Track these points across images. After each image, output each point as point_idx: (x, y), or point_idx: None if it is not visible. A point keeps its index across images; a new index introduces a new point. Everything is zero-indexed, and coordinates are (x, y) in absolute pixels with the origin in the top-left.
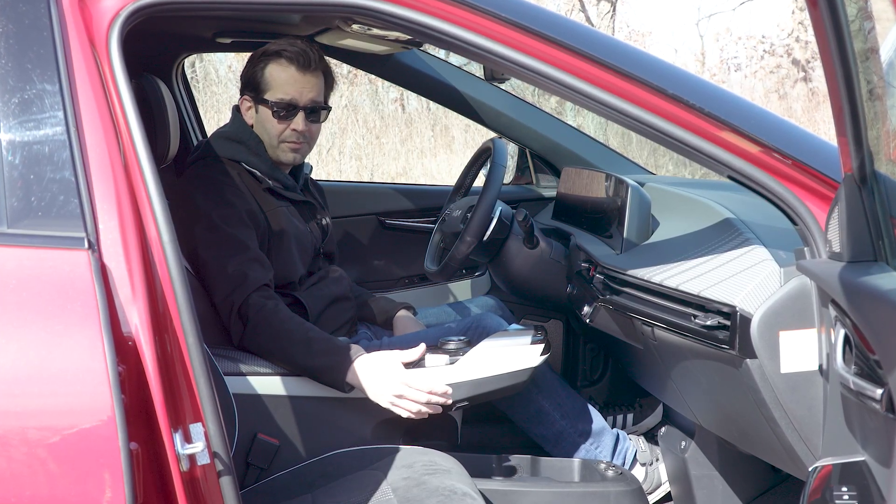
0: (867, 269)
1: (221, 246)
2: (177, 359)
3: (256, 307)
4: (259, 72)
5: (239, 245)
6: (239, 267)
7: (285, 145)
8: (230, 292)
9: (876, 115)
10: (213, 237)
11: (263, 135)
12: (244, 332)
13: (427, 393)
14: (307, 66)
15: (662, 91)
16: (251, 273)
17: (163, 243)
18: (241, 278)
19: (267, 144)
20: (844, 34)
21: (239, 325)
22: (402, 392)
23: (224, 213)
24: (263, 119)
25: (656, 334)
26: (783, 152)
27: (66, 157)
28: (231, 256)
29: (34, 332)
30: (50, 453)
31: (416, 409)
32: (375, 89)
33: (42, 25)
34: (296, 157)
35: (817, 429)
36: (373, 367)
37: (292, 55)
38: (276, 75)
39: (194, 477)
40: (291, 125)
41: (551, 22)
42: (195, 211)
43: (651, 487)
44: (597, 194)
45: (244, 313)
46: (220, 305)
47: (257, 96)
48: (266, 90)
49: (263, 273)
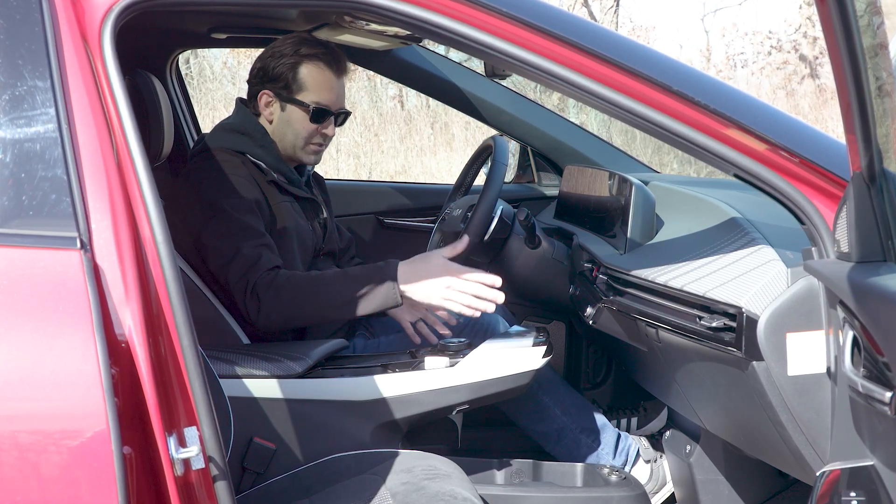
0: (876, 270)
1: (235, 232)
2: (171, 361)
3: (270, 278)
4: (291, 70)
5: (252, 230)
6: (254, 250)
7: (311, 146)
8: (245, 272)
9: (885, 112)
10: (225, 225)
11: (287, 132)
12: (260, 305)
13: (476, 282)
14: (343, 71)
15: (667, 87)
16: (265, 255)
17: (157, 243)
18: (256, 258)
19: (288, 142)
20: (853, 30)
21: (255, 302)
22: (452, 283)
23: (233, 202)
24: (292, 118)
25: (661, 336)
26: (790, 150)
27: (58, 155)
28: (245, 240)
29: (25, 333)
30: (41, 458)
31: (468, 300)
32: (374, 86)
33: (33, 20)
34: (317, 158)
35: (825, 432)
36: (418, 266)
37: (330, 60)
38: (314, 78)
39: (189, 482)
40: (322, 129)
41: (553, 17)
42: (202, 202)
43: (656, 487)
44: (600, 193)
45: (260, 289)
46: (235, 285)
47: (288, 95)
48: (300, 90)
49: (275, 258)
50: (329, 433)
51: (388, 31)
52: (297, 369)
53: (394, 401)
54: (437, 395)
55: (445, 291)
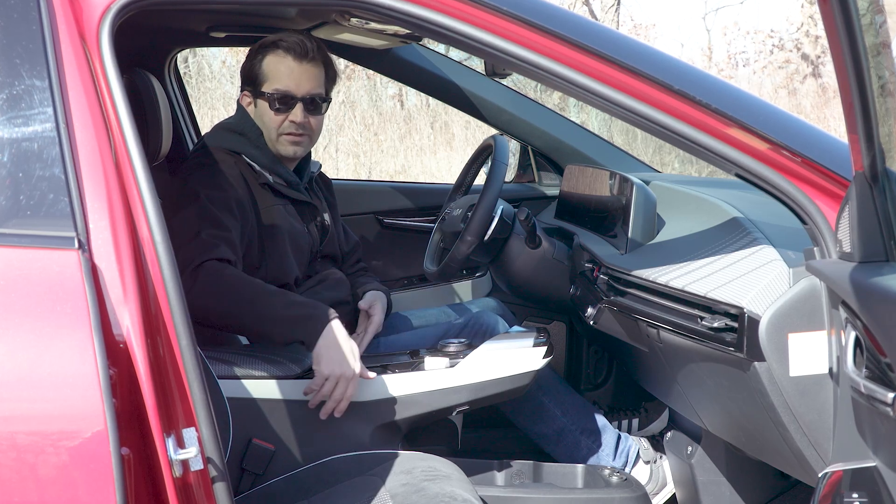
0: (879, 270)
1: (202, 219)
2: (169, 362)
3: (217, 267)
4: (257, 64)
5: (219, 223)
6: (212, 239)
7: (284, 138)
8: (195, 253)
9: (888, 112)
10: (196, 212)
11: (263, 128)
12: (193, 286)
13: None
14: (304, 55)
15: (668, 87)
16: (221, 246)
17: (155, 243)
18: (212, 246)
19: (267, 138)
20: (855, 28)
21: (190, 281)
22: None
23: (211, 194)
24: (262, 112)
25: (662, 336)
26: (792, 149)
27: (56, 154)
28: (207, 228)
29: (23, 334)
30: (39, 459)
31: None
32: (373, 85)
33: (31, 19)
34: (296, 150)
35: (827, 433)
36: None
37: (289, 45)
38: (272, 66)
39: (187, 483)
40: (289, 117)
41: (554, 16)
42: (186, 190)
43: (656, 488)
44: (601, 193)
45: (200, 271)
46: (182, 262)
47: (255, 90)
48: (263, 82)
49: (231, 254)
50: (328, 434)
51: (388, 30)
52: (297, 370)
53: (393, 401)
54: (436, 396)
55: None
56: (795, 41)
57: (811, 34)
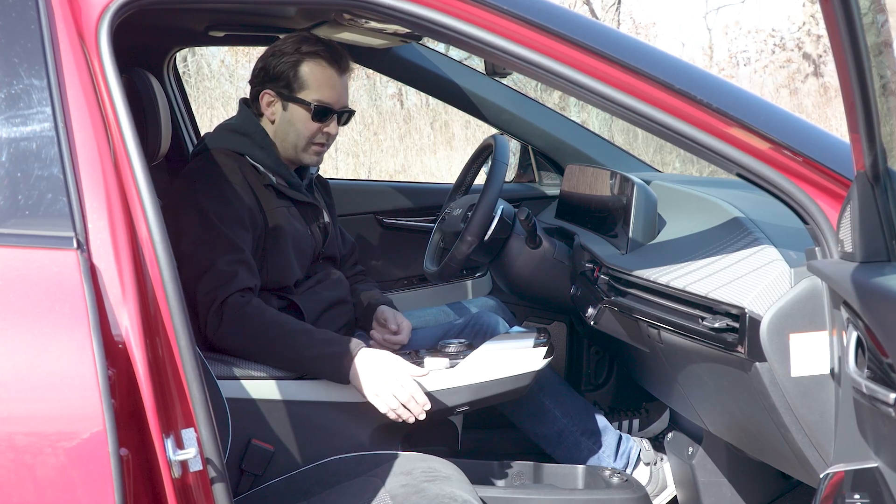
0: (880, 270)
1: (214, 243)
2: (168, 362)
3: (240, 303)
4: (292, 68)
5: (233, 245)
6: (230, 266)
7: (314, 147)
8: (216, 287)
9: (889, 111)
10: (207, 234)
11: (290, 132)
12: (220, 326)
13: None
14: (346, 69)
15: (669, 86)
16: (240, 273)
17: (154, 243)
18: (231, 276)
19: (289, 143)
20: (857, 27)
21: (216, 320)
22: (389, 389)
23: (221, 211)
24: (294, 118)
25: (663, 337)
26: (794, 149)
27: (55, 154)
28: (223, 254)
29: (21, 334)
30: (37, 460)
31: (395, 405)
32: (373, 84)
33: (30, 18)
34: (318, 159)
35: (829, 434)
36: (377, 358)
37: (332, 57)
38: (316, 75)
39: (186, 484)
40: (325, 128)
41: (554, 14)
42: (190, 205)
43: (657, 489)
44: (601, 192)
45: (224, 309)
46: (203, 298)
47: (289, 94)
48: (301, 89)
49: (251, 278)
50: (328, 435)
51: (388, 29)
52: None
53: None
54: (437, 397)
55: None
56: (797, 40)
57: (813, 33)
